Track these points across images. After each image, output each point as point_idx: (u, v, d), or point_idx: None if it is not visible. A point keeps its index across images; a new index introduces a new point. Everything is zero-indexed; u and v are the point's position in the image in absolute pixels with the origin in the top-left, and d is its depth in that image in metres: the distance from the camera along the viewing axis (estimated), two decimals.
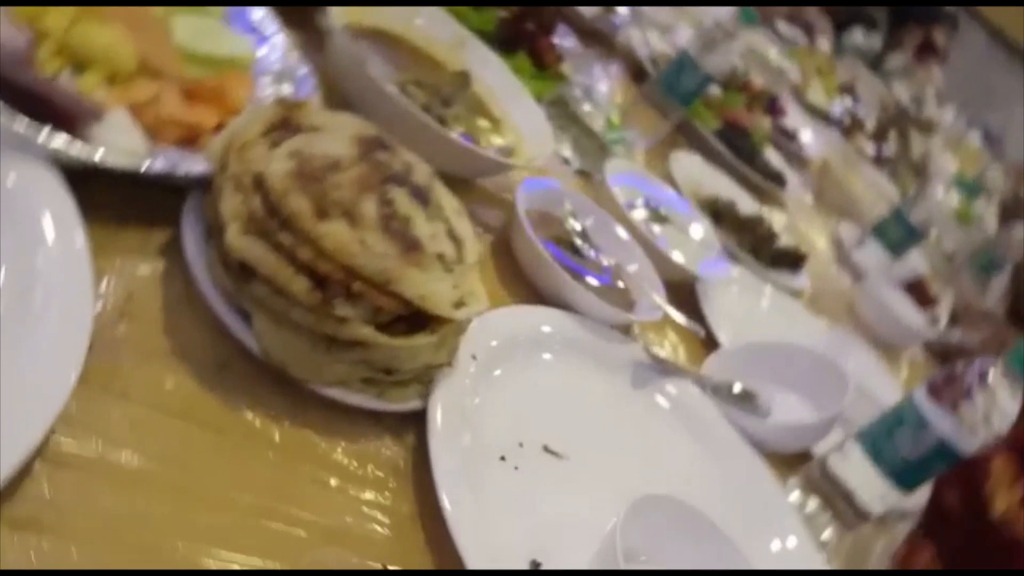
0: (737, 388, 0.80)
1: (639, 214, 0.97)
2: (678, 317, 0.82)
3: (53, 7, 0.47)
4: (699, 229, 1.07)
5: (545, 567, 0.52)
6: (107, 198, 0.48)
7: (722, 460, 0.73)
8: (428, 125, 0.68)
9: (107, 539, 0.38)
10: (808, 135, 1.99)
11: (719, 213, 1.19)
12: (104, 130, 0.47)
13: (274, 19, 0.67)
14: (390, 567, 0.47)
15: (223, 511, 0.42)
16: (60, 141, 0.44)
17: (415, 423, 0.53)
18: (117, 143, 0.47)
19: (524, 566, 0.51)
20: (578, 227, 0.80)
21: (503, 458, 0.57)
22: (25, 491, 0.36)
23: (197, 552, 0.40)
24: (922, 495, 0.76)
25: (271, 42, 0.65)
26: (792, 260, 1.22)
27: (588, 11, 1.41)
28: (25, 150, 0.44)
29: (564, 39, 1.25)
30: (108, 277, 0.46)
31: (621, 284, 0.81)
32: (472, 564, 0.47)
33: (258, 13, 0.66)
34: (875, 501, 0.76)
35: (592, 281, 0.77)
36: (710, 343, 0.90)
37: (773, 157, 1.62)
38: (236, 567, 0.41)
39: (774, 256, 1.19)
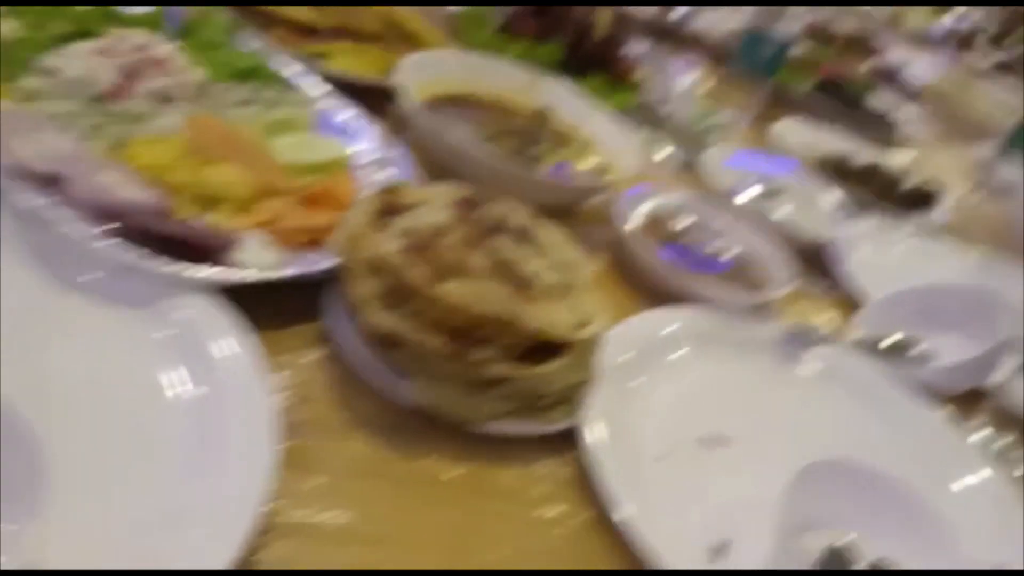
0: (890, 340, 0.78)
1: (751, 192, 0.98)
2: (809, 284, 0.81)
3: (177, 166, 0.55)
4: (819, 191, 1.05)
5: (734, 546, 0.53)
6: (263, 307, 0.55)
7: (888, 414, 0.71)
8: (519, 172, 0.73)
9: None
10: (916, 65, 1.90)
11: (836, 169, 1.16)
12: (244, 253, 0.55)
13: (359, 114, 0.75)
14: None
15: (426, 551, 0.48)
16: (215, 273, 0.53)
17: (571, 440, 0.57)
18: (257, 261, 0.55)
19: (709, 551, 0.53)
20: (687, 222, 0.81)
21: (664, 457, 0.59)
22: (262, 558, 0.43)
23: None
24: None
25: (363, 136, 0.73)
26: (923, 198, 1.17)
27: (648, 12, 1.43)
28: (189, 287, 0.52)
29: (635, 46, 1.27)
30: (282, 372, 0.53)
31: (747, 267, 0.81)
32: (658, 561, 0.49)
33: (344, 114, 0.74)
34: None
35: (715, 271, 0.78)
36: (854, 302, 0.89)
37: (881, 98, 1.56)
38: None
39: (903, 198, 1.15)
